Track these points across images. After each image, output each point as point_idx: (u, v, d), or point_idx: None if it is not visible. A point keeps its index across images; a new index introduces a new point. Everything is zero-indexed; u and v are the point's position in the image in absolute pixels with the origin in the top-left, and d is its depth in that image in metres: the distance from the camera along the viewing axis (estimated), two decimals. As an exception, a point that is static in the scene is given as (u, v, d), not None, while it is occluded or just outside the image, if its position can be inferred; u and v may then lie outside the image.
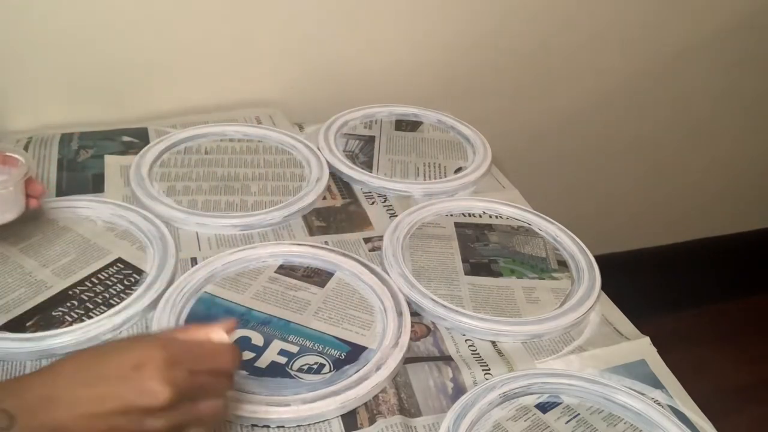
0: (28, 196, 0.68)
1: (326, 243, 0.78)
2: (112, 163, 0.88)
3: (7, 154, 0.68)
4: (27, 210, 0.68)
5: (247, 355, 0.63)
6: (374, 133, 1.00)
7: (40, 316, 0.65)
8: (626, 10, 1.21)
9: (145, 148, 0.89)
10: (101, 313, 0.66)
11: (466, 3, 1.09)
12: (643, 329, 0.72)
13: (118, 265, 0.72)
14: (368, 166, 0.92)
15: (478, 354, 0.68)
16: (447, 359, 0.67)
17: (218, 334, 0.48)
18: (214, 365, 0.46)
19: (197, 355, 0.46)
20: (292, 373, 0.62)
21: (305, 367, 0.63)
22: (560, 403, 0.63)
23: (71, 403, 0.42)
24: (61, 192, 0.82)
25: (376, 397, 0.62)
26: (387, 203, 0.87)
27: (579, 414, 0.62)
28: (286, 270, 0.74)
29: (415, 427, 0.60)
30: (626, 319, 0.74)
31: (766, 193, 1.63)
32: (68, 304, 0.67)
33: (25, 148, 0.88)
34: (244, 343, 0.64)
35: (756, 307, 1.70)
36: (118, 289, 0.69)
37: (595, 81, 1.28)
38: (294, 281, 0.72)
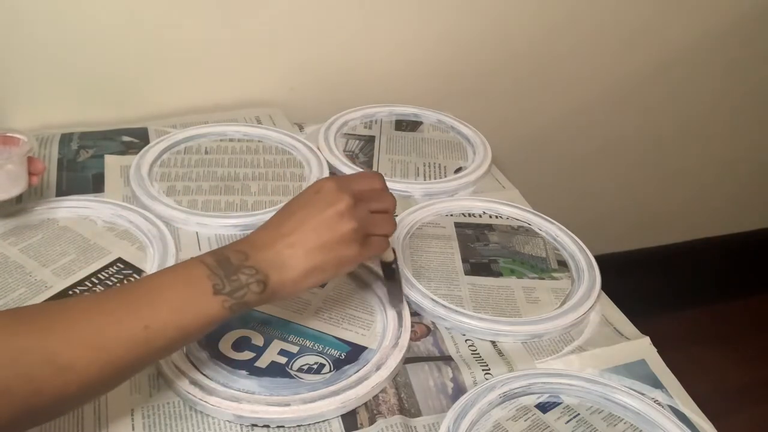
0: (29, 173, 0.69)
1: (326, 243, 0.78)
2: (112, 163, 0.88)
3: (8, 134, 0.69)
4: (29, 187, 0.71)
5: (247, 355, 0.63)
6: (374, 133, 1.00)
7: (40, 316, 0.65)
8: (627, 10, 1.21)
9: (145, 148, 0.89)
10: (101, 313, 0.66)
11: (466, 3, 1.09)
12: (643, 329, 0.72)
13: (118, 265, 0.72)
14: (368, 166, 0.92)
15: (478, 354, 0.68)
16: (447, 359, 0.67)
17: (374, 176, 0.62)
18: (368, 186, 0.59)
19: (354, 179, 0.59)
20: (292, 373, 0.62)
21: (305, 367, 0.63)
22: (560, 403, 0.63)
23: (286, 238, 0.54)
24: (61, 192, 0.82)
25: (376, 397, 0.62)
26: (387, 203, 0.87)
27: (579, 414, 0.62)
28: (286, 270, 0.74)
29: (415, 427, 0.60)
30: (626, 319, 0.74)
31: (766, 193, 1.63)
32: (68, 304, 0.67)
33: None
34: (244, 343, 0.64)
35: (756, 307, 1.70)
36: (118, 289, 0.69)
37: (595, 81, 1.28)
38: (294, 281, 0.72)
